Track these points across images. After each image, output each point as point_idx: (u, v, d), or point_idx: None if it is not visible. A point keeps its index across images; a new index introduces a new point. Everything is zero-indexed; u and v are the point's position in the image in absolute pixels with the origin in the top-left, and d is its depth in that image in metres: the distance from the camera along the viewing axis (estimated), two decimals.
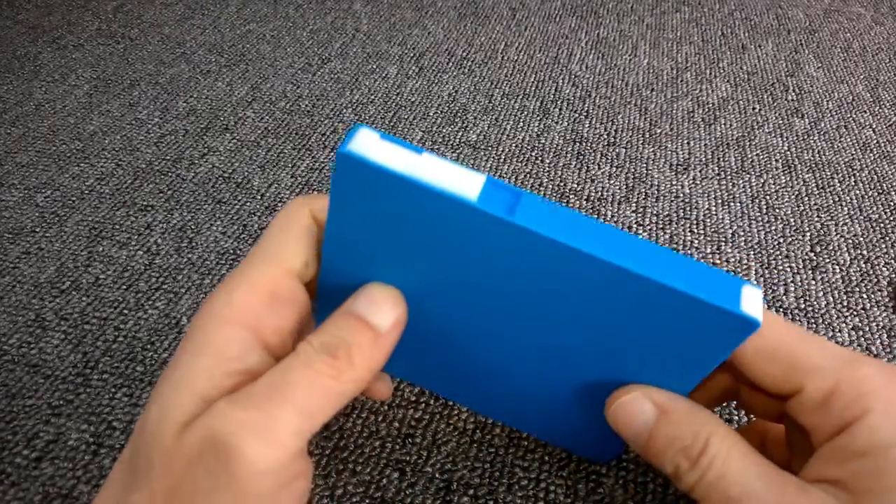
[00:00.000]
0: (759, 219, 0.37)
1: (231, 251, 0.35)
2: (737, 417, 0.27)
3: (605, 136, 0.43)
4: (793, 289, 0.33)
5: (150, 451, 0.15)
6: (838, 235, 0.36)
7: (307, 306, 0.18)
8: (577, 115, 0.45)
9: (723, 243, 0.35)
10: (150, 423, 0.15)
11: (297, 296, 0.17)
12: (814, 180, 0.40)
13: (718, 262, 0.34)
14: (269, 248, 0.17)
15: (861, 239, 0.36)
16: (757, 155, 0.42)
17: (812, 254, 0.35)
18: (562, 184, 0.39)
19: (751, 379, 0.18)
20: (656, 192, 0.39)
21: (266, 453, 0.14)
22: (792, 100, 0.47)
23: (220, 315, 0.16)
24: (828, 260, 0.35)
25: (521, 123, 0.45)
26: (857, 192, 0.39)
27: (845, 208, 0.38)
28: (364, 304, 0.17)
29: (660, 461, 0.17)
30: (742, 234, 0.36)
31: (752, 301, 0.15)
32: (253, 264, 0.17)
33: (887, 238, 0.36)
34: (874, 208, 0.38)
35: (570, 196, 0.38)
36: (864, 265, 0.34)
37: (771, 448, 0.21)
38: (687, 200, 0.38)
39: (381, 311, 0.17)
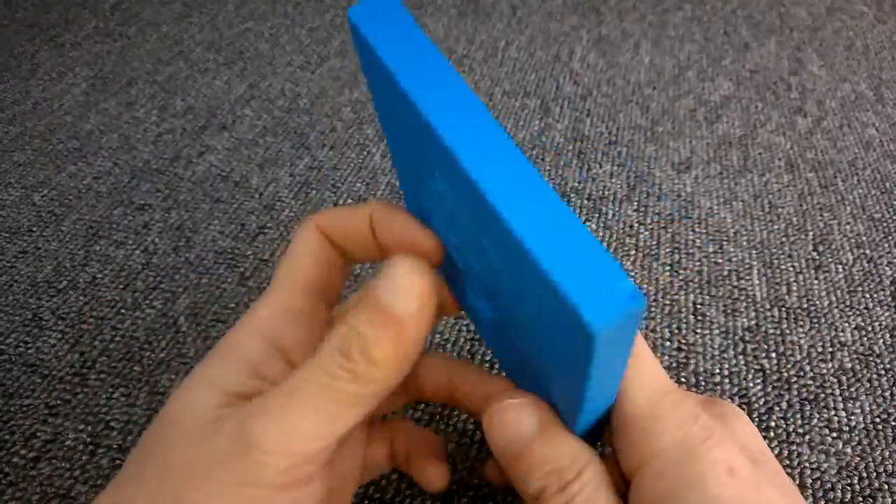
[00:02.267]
0: (762, 218, 0.37)
1: (229, 250, 0.35)
2: None
3: (607, 135, 0.43)
4: (795, 288, 0.33)
5: (171, 432, 0.15)
6: (841, 235, 0.36)
7: (324, 318, 0.19)
8: (578, 113, 0.45)
9: (725, 242, 0.35)
10: (173, 410, 0.16)
11: (312, 311, 0.18)
12: (816, 179, 0.40)
13: (720, 261, 0.34)
14: (281, 272, 0.19)
15: (864, 238, 0.36)
16: (759, 154, 0.42)
17: (815, 253, 0.35)
18: (563, 182, 0.39)
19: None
20: (658, 190, 0.39)
21: (280, 446, 0.14)
22: (794, 98, 0.47)
23: (244, 325, 0.17)
24: (831, 259, 0.34)
25: (522, 122, 0.44)
26: (860, 191, 0.39)
27: (848, 207, 0.38)
28: (383, 287, 0.15)
29: (526, 477, 0.16)
30: (744, 233, 0.36)
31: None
32: (273, 286, 0.19)
33: (890, 237, 0.36)
34: (877, 207, 0.38)
35: (572, 195, 0.38)
36: (867, 265, 0.34)
37: None
38: (689, 199, 0.38)
39: (402, 293, 0.15)
